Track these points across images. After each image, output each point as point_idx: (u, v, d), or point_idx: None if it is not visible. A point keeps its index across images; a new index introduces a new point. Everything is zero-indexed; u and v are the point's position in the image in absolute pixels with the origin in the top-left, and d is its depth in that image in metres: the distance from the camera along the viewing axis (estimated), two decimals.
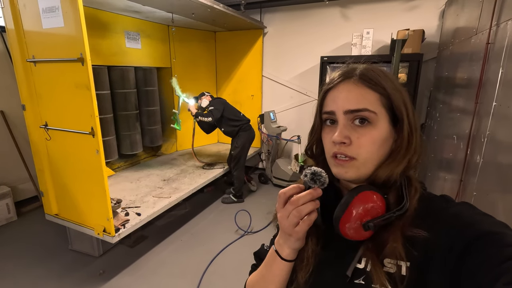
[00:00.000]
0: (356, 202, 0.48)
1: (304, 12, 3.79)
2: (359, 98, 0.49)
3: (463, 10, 2.23)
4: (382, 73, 0.51)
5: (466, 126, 1.68)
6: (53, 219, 2.32)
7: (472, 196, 1.54)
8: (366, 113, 0.49)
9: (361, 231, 0.48)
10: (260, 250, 0.70)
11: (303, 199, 0.48)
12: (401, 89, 0.51)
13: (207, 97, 3.32)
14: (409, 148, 0.49)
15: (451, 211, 0.46)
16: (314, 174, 0.49)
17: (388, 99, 0.49)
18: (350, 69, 0.53)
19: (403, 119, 0.49)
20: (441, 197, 0.51)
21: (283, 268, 0.55)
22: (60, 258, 2.40)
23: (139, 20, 3.34)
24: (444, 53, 2.77)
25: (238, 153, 3.29)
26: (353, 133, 0.50)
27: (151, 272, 2.28)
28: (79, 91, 1.82)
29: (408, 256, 0.45)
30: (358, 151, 0.49)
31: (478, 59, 1.63)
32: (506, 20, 1.36)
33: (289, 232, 0.51)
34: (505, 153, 1.30)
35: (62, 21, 1.74)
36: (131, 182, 3.00)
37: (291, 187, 0.51)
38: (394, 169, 0.49)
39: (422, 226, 0.46)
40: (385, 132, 0.49)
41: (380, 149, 0.50)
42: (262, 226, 2.94)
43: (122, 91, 3.27)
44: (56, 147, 2.13)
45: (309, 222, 0.49)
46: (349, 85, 0.51)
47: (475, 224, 0.42)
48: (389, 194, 0.50)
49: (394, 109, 0.49)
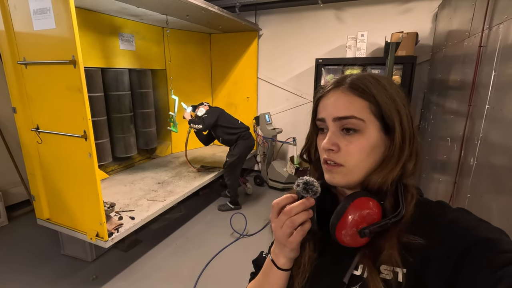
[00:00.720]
0: (352, 208, 0.48)
1: (299, 14, 3.80)
2: (346, 105, 0.50)
3: (455, 13, 2.25)
4: (375, 80, 0.50)
5: (460, 128, 1.69)
6: (45, 223, 2.28)
7: (466, 198, 1.54)
8: (354, 120, 0.49)
9: (357, 238, 0.48)
10: (258, 257, 0.69)
11: (296, 209, 0.49)
12: (397, 96, 0.50)
13: (205, 106, 3.27)
14: (401, 155, 0.49)
15: (448, 217, 0.46)
16: (306, 184, 0.49)
17: (378, 107, 0.49)
18: (342, 78, 0.53)
19: (394, 127, 0.49)
20: (437, 203, 0.51)
21: (280, 277, 0.55)
22: (52, 263, 2.36)
23: (133, 22, 3.32)
24: (437, 55, 2.79)
25: (234, 162, 3.19)
26: (342, 140, 0.50)
27: (146, 277, 2.25)
28: (71, 93, 1.79)
29: (404, 262, 0.45)
30: (346, 158, 0.50)
31: (471, 62, 1.65)
32: (498, 23, 1.37)
33: (283, 242, 0.51)
34: (498, 155, 1.30)
35: (53, 23, 1.71)
36: (125, 185, 2.96)
37: (284, 197, 0.51)
38: (386, 176, 0.49)
39: (418, 232, 0.46)
40: (374, 140, 0.49)
41: (370, 156, 0.49)
42: (257, 229, 2.93)
43: (116, 94, 3.24)
44: (48, 151, 2.09)
45: (303, 233, 0.50)
46: (338, 93, 0.51)
47: (471, 230, 0.42)
48: (386, 200, 0.50)
49: (384, 117, 0.49)
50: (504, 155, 1.24)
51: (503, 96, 1.30)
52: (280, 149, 4.27)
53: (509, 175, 1.20)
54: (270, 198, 3.67)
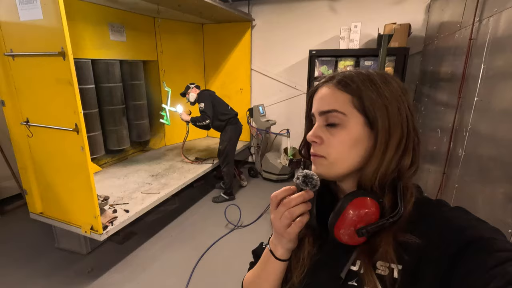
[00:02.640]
0: (351, 208, 0.48)
1: (292, 4, 3.76)
2: (330, 100, 0.51)
3: (448, 5, 2.26)
4: (365, 76, 0.51)
5: (450, 120, 1.73)
6: (38, 217, 2.27)
7: (454, 188, 1.59)
8: (335, 113, 0.50)
9: (355, 237, 0.49)
10: (258, 248, 0.71)
11: (294, 200, 0.50)
12: (389, 92, 0.49)
13: (193, 89, 3.18)
14: (386, 151, 0.49)
15: (445, 216, 0.47)
16: (306, 177, 0.50)
17: (361, 101, 0.49)
18: (333, 74, 0.54)
19: (377, 121, 0.49)
20: (436, 202, 0.52)
21: (278, 267, 0.57)
22: (47, 257, 2.36)
23: (123, 12, 3.24)
24: (429, 47, 2.81)
25: (226, 148, 3.23)
26: (326, 133, 0.52)
27: (141, 269, 2.27)
28: (62, 86, 1.76)
29: (399, 259, 0.46)
30: (328, 151, 0.51)
31: (461, 54, 1.67)
32: (488, 16, 1.39)
33: (281, 233, 0.52)
34: (485, 146, 1.34)
35: (40, 13, 1.66)
36: (119, 178, 2.95)
37: (283, 190, 0.52)
38: (375, 171, 0.49)
39: (415, 230, 0.46)
40: (356, 133, 0.50)
41: (352, 150, 0.50)
42: (252, 220, 2.97)
43: (107, 85, 3.19)
44: (38, 144, 2.06)
45: (301, 224, 0.50)
46: (325, 88, 0.53)
47: (468, 229, 0.43)
48: (385, 198, 0.50)
49: (366, 111, 0.49)
50: (491, 147, 1.28)
51: (491, 88, 1.33)
52: (274, 141, 4.28)
53: (495, 166, 1.24)
54: (264, 190, 3.70)
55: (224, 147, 3.23)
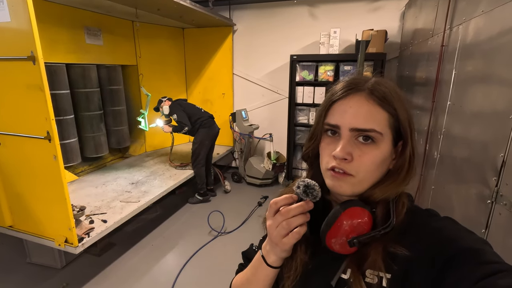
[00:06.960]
0: (343, 218, 0.47)
1: (273, 10, 3.80)
2: (367, 117, 0.47)
3: (421, 13, 2.36)
4: (393, 90, 0.49)
5: (425, 123, 1.79)
6: (7, 231, 2.12)
7: (431, 189, 1.64)
8: (373, 134, 0.47)
9: (346, 246, 0.48)
10: (248, 250, 0.69)
11: (293, 211, 0.48)
12: (408, 108, 0.50)
13: (166, 102, 3.27)
14: (410, 170, 0.49)
15: (434, 226, 0.47)
16: (307, 187, 0.48)
17: (397, 120, 0.48)
18: (360, 80, 0.50)
19: (407, 141, 0.48)
20: (425, 211, 0.52)
21: (268, 274, 0.55)
22: (18, 273, 2.22)
23: (99, 15, 3.14)
24: (404, 53, 2.92)
25: (196, 149, 3.28)
26: (355, 150, 0.48)
27: (120, 281, 2.18)
28: (32, 92, 1.66)
29: (388, 269, 0.45)
30: (358, 169, 0.48)
31: (434, 60, 1.74)
32: (458, 24, 1.45)
33: (276, 242, 0.50)
34: (458, 148, 1.39)
35: (8, 15, 1.57)
36: (96, 187, 2.84)
37: (283, 197, 0.50)
38: (393, 190, 0.49)
39: (404, 240, 0.46)
40: (387, 153, 0.49)
41: (378, 169, 0.49)
42: (235, 226, 2.93)
43: (83, 91, 3.07)
44: (7, 154, 1.94)
45: (298, 236, 0.48)
46: (360, 100, 0.48)
47: (456, 240, 0.43)
48: (377, 208, 0.50)
49: (401, 130, 0.48)
50: (463, 149, 1.33)
51: (462, 93, 1.38)
52: (257, 146, 4.28)
53: (468, 167, 1.28)
54: (248, 195, 3.68)
55: (194, 149, 3.29)
